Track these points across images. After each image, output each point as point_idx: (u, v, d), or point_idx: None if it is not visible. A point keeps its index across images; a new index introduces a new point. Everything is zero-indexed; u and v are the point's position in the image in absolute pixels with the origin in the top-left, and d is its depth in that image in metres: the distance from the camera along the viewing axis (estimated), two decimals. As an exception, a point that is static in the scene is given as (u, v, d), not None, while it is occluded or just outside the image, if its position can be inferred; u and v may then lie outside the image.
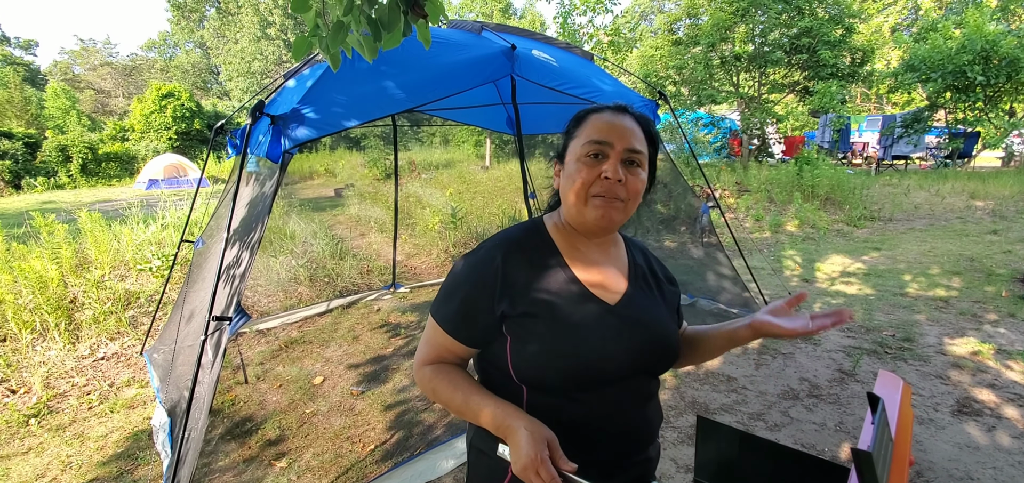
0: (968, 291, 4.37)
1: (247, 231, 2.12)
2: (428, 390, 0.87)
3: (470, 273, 0.85)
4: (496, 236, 0.89)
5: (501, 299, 0.81)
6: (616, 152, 0.81)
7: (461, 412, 0.83)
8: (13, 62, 35.78)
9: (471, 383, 0.85)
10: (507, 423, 0.76)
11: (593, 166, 0.82)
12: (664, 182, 4.36)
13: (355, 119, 2.13)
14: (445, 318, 0.85)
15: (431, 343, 0.88)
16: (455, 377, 0.86)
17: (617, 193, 0.81)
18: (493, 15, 25.64)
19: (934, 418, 2.50)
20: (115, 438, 2.58)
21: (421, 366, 0.89)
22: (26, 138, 18.75)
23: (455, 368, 0.88)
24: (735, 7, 11.16)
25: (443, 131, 17.14)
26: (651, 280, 0.95)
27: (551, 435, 0.74)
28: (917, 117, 12.88)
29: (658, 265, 1.01)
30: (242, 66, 33.60)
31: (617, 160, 0.81)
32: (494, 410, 0.78)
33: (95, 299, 3.87)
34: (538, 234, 0.89)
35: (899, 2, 22.24)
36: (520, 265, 0.84)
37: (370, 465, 2.28)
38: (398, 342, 3.66)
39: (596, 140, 0.82)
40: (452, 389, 0.84)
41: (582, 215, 0.84)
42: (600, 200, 0.81)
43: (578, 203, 0.83)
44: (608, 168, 0.80)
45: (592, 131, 0.84)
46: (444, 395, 0.85)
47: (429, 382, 0.87)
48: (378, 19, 1.25)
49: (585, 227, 0.86)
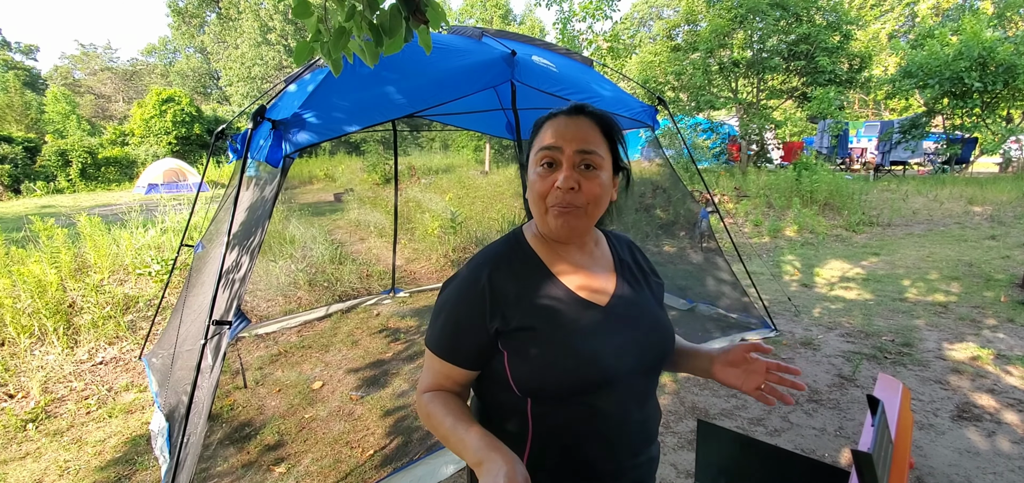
0: (967, 296, 4.37)
1: (247, 235, 2.12)
2: (425, 417, 0.85)
3: (457, 296, 0.84)
4: (477, 255, 0.88)
5: (493, 317, 0.81)
6: (567, 156, 0.79)
7: (447, 441, 0.80)
8: (13, 67, 35.83)
9: (463, 412, 0.82)
10: (483, 455, 0.71)
11: (547, 175, 0.80)
12: (663, 187, 4.38)
13: (356, 124, 2.14)
14: (438, 344, 0.84)
15: (430, 371, 0.87)
16: (450, 405, 0.83)
17: (573, 201, 0.79)
18: (493, 21, 25.77)
19: (934, 423, 2.49)
20: (113, 443, 2.57)
21: (421, 394, 0.88)
22: (26, 142, 18.76)
23: (452, 397, 0.85)
24: (733, 14, 11.23)
25: (443, 136, 17.19)
26: (638, 274, 0.94)
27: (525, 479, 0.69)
28: (915, 123, 12.95)
29: (643, 257, 1.00)
30: (242, 71, 33.67)
31: (569, 166, 0.78)
32: (476, 441, 0.74)
33: (94, 303, 3.86)
34: (519, 246, 0.89)
35: (896, 9, 22.40)
36: (507, 280, 0.83)
37: (369, 470, 2.28)
38: (397, 347, 3.66)
39: (546, 147, 0.80)
40: (443, 414, 0.81)
41: (546, 226, 0.83)
42: (557, 210, 0.79)
43: (540, 214, 0.82)
44: (560, 177, 0.78)
45: (544, 137, 0.82)
46: (435, 421, 0.82)
47: (425, 408, 0.85)
48: (379, 25, 1.26)
49: (552, 237, 0.85)
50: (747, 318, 3.74)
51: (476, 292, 0.82)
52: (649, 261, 1.00)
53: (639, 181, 7.03)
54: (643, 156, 8.86)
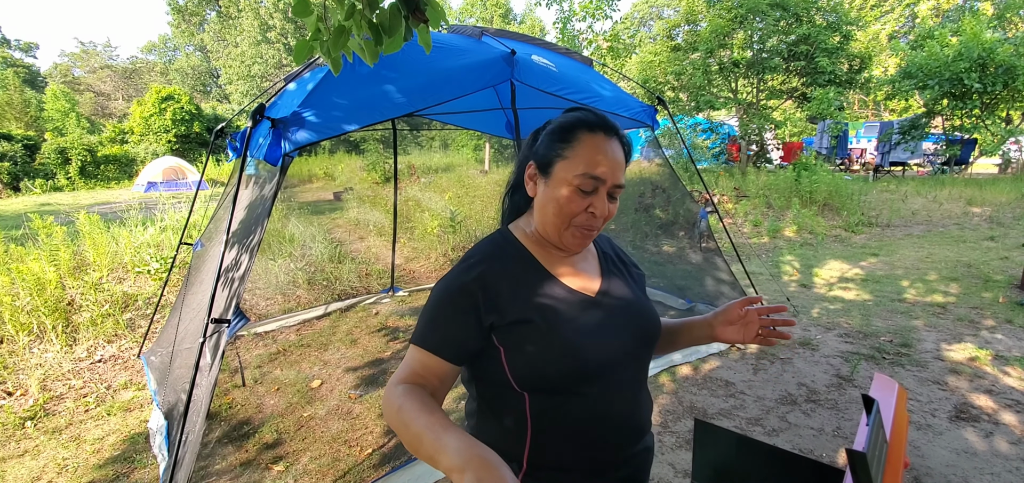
0: (965, 297, 4.38)
1: (247, 234, 2.13)
2: (393, 411, 0.74)
3: (451, 289, 0.83)
4: (469, 253, 0.89)
5: (488, 311, 0.81)
6: (606, 187, 0.82)
7: (419, 438, 0.68)
8: (13, 64, 35.78)
9: (440, 412, 0.72)
10: (465, 460, 0.61)
11: (582, 200, 0.82)
12: (662, 187, 4.37)
13: (355, 123, 2.14)
14: (423, 337, 0.81)
15: (408, 365, 0.81)
16: (427, 401, 0.74)
17: (597, 226, 0.84)
18: (493, 20, 25.76)
19: (932, 424, 2.50)
20: (112, 441, 2.57)
21: (394, 385, 0.78)
22: (25, 140, 18.75)
23: (429, 397, 0.76)
24: (733, 14, 11.23)
25: (442, 135, 17.19)
26: (620, 266, 0.99)
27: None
28: (914, 124, 12.96)
29: (622, 251, 1.05)
30: (242, 69, 33.65)
31: (605, 195, 0.82)
32: (456, 443, 0.64)
33: (93, 301, 3.86)
34: (509, 244, 0.91)
35: (896, 10, 22.41)
36: (500, 276, 0.84)
37: (368, 469, 2.28)
38: (396, 346, 3.66)
39: (593, 175, 0.80)
40: (417, 411, 0.71)
41: (560, 239, 0.85)
42: (582, 232, 0.83)
43: (559, 226, 0.84)
44: (597, 206, 0.82)
45: (587, 162, 0.80)
46: (406, 416, 0.71)
47: (396, 401, 0.74)
48: (379, 24, 1.26)
49: (559, 246, 0.88)
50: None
51: (467, 288, 0.82)
52: (627, 254, 1.06)
53: (639, 181, 7.03)
54: (643, 156, 8.88)
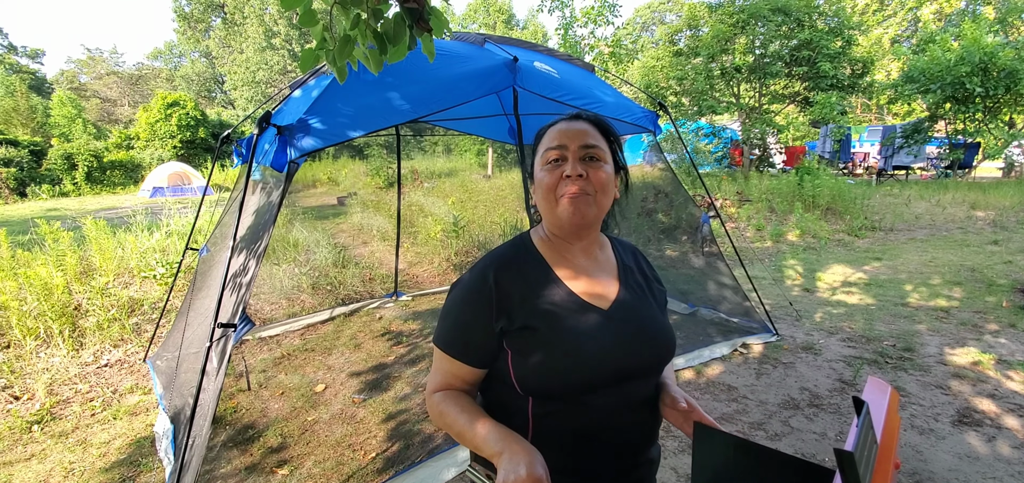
0: (969, 301, 4.37)
1: (253, 239, 2.15)
2: (437, 417, 0.88)
3: (465, 295, 0.88)
4: (485, 257, 0.92)
5: (499, 316, 0.84)
6: (573, 152, 0.86)
7: (462, 436, 0.83)
8: (20, 71, 36.12)
9: (475, 408, 0.86)
10: (502, 446, 0.76)
11: (555, 171, 0.86)
12: (665, 191, 4.39)
13: (360, 129, 2.17)
14: (447, 343, 0.88)
15: (439, 370, 0.91)
16: (462, 402, 0.87)
17: (583, 189, 0.85)
18: (496, 27, 25.85)
19: (934, 428, 2.50)
20: (118, 445, 2.60)
21: (431, 394, 0.91)
22: (32, 146, 18.93)
23: (463, 395, 0.89)
24: (735, 19, 11.27)
25: (446, 141, 17.26)
26: (641, 280, 0.97)
27: (544, 470, 0.72)
28: (917, 128, 12.92)
29: (647, 264, 1.03)
30: (247, 76, 33.89)
31: (575, 159, 0.85)
32: (493, 434, 0.78)
33: (99, 306, 3.90)
34: (526, 249, 0.92)
35: (898, 14, 22.41)
36: (513, 281, 0.86)
37: (371, 473, 2.29)
38: (400, 350, 3.67)
39: (552, 147, 0.87)
40: (457, 412, 0.85)
41: (557, 217, 0.87)
42: (568, 197, 0.85)
43: (550, 206, 0.87)
44: (568, 167, 0.85)
45: (548, 140, 0.89)
46: (449, 419, 0.86)
47: (437, 407, 0.88)
48: (384, 33, 1.28)
49: (563, 229, 0.89)
50: (748, 323, 3.75)
51: (483, 292, 0.85)
52: (653, 268, 1.03)
53: (641, 186, 7.04)
54: (645, 161, 8.88)
